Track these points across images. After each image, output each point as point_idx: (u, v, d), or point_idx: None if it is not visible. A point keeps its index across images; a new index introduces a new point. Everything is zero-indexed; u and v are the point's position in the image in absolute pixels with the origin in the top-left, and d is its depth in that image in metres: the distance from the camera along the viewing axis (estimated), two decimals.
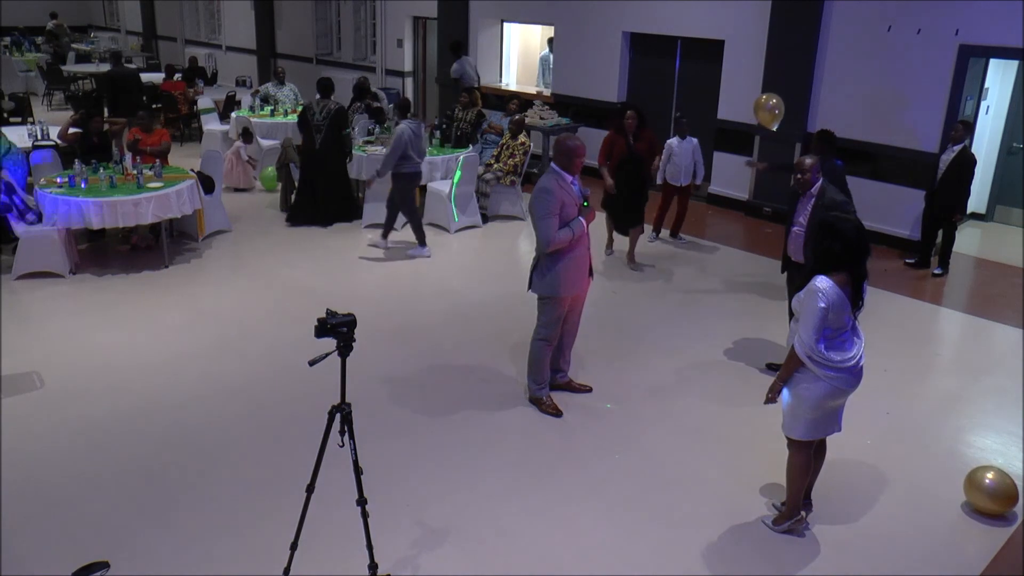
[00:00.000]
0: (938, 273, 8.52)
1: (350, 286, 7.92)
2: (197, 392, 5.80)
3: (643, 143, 8.12)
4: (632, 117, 7.97)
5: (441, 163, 9.82)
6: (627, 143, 8.01)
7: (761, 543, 4.42)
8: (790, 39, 9.71)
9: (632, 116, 7.98)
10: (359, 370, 4.91)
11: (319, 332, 3.51)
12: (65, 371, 6.04)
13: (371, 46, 16.01)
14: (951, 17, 8.56)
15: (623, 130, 8.03)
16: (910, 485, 4.99)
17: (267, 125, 11.83)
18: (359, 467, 3.68)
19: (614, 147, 8.06)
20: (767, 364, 6.34)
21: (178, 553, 4.20)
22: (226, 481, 4.81)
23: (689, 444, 5.35)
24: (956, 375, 6.52)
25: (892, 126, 9.13)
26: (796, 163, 6.09)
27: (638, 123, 8.00)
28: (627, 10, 11.35)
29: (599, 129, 11.83)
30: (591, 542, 4.39)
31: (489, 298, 7.66)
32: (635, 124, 7.99)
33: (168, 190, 7.94)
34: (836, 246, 3.99)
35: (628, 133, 8.02)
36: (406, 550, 4.24)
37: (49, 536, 4.31)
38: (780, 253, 6.27)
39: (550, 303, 5.41)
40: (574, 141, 5.21)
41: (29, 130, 10.69)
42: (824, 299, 3.93)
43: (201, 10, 20.53)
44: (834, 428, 4.32)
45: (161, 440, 5.22)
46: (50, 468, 4.89)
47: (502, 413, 5.66)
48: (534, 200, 5.17)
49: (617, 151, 8.04)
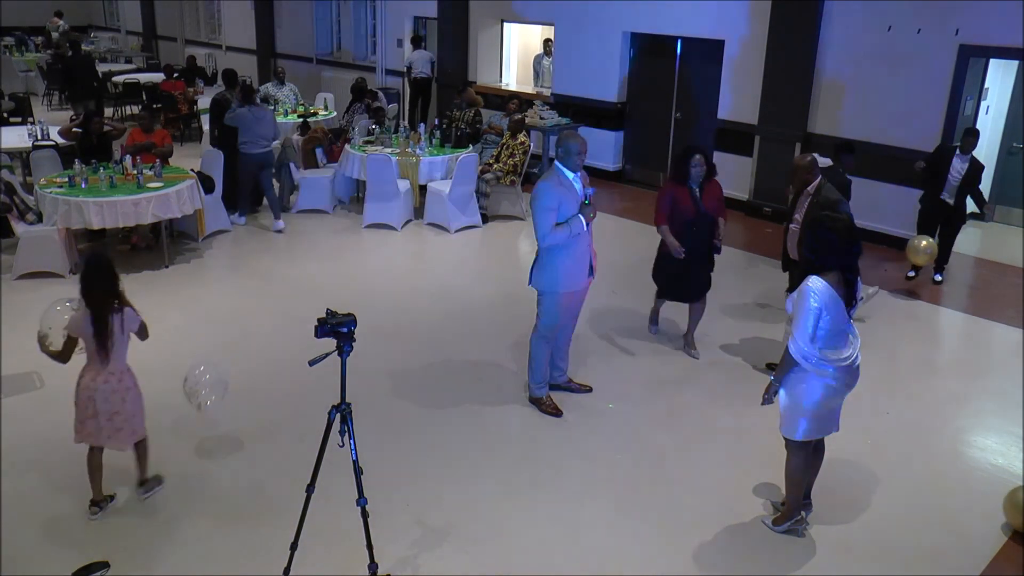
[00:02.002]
0: (939, 280, 8.34)
1: (350, 286, 7.92)
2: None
3: (711, 197, 6.23)
4: (701, 163, 6.09)
5: (441, 163, 9.82)
6: (693, 197, 6.14)
7: (761, 543, 4.42)
8: (790, 39, 9.71)
9: (701, 162, 6.10)
10: (359, 370, 4.91)
11: (319, 332, 3.51)
12: (65, 371, 6.02)
13: (371, 46, 16.01)
14: (951, 17, 8.56)
15: (687, 180, 6.15)
16: (910, 485, 4.99)
17: None
18: (359, 467, 3.69)
19: (678, 203, 6.14)
20: (767, 364, 6.34)
21: (178, 553, 4.20)
22: (226, 481, 4.81)
23: (689, 444, 5.36)
24: (956, 375, 6.52)
25: (892, 126, 9.13)
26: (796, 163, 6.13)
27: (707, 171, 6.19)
28: (627, 10, 11.34)
29: (599, 129, 11.89)
30: (591, 542, 4.39)
31: (489, 298, 7.65)
32: (703, 172, 6.15)
33: (168, 190, 7.94)
34: (825, 244, 4.00)
35: (695, 184, 6.17)
36: (406, 550, 4.24)
37: (49, 536, 4.31)
38: (780, 252, 6.29)
39: (548, 298, 5.41)
40: (575, 138, 5.24)
41: (29, 130, 10.68)
42: (817, 299, 3.93)
43: (201, 10, 20.52)
44: (832, 428, 4.33)
45: (161, 440, 5.21)
46: (50, 468, 4.89)
47: (502, 413, 5.66)
48: (533, 195, 5.21)
49: (682, 209, 6.14)
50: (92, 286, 4.24)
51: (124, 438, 4.42)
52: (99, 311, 4.23)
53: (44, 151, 9.16)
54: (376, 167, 9.33)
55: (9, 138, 10.39)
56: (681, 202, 6.12)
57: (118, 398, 4.34)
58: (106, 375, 4.31)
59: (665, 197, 6.21)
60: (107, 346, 4.25)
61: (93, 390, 4.30)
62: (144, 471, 4.61)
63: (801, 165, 6.02)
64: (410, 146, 9.88)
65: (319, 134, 10.51)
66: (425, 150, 9.88)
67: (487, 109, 12.14)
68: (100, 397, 4.30)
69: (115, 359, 4.32)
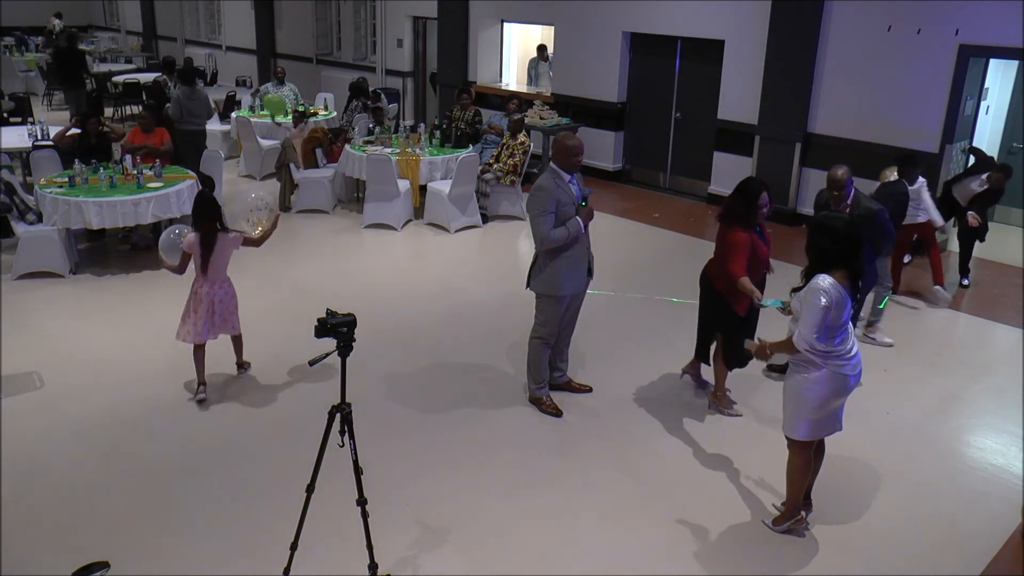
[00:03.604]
0: (966, 284, 8.29)
1: (350, 286, 7.92)
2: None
3: (768, 241, 5.40)
4: (768, 204, 5.18)
5: (441, 163, 9.83)
6: (766, 242, 5.35)
7: (761, 543, 4.42)
8: (790, 39, 9.71)
9: (768, 203, 5.19)
10: (359, 370, 4.92)
11: (319, 332, 3.51)
12: (65, 371, 6.04)
13: (371, 46, 16.01)
14: (951, 17, 8.56)
15: (753, 221, 5.22)
16: (910, 485, 4.99)
17: (267, 125, 11.84)
18: (359, 467, 3.69)
19: (757, 250, 5.21)
20: (768, 365, 6.33)
21: (178, 553, 4.20)
22: (226, 481, 4.81)
23: (689, 444, 5.35)
24: (956, 375, 6.52)
25: (892, 126, 9.13)
26: (828, 176, 6.02)
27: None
28: (627, 10, 11.34)
29: (599, 129, 11.89)
30: (590, 542, 4.39)
31: (489, 298, 7.66)
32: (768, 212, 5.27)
33: (168, 190, 7.94)
34: (829, 244, 4.03)
35: (761, 227, 5.32)
36: (406, 550, 4.24)
37: (49, 536, 4.31)
38: (782, 254, 6.25)
39: (548, 302, 5.40)
40: (572, 140, 5.21)
41: (29, 130, 10.68)
42: (826, 297, 3.95)
43: (201, 10, 20.52)
44: (835, 428, 4.34)
45: (161, 440, 5.22)
46: (50, 468, 4.89)
47: (502, 413, 5.66)
48: (530, 198, 5.19)
49: (761, 256, 5.25)
50: (201, 216, 5.47)
51: (229, 328, 5.74)
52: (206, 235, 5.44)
53: (44, 151, 9.15)
54: (376, 167, 9.33)
55: (9, 138, 10.38)
56: (759, 249, 5.22)
57: (229, 299, 5.67)
58: (221, 282, 5.60)
59: (743, 246, 5.10)
60: (208, 260, 5.47)
61: (212, 295, 5.56)
62: (240, 356, 6.02)
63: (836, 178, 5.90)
64: (410, 146, 9.89)
65: (319, 134, 10.50)
66: (425, 150, 9.89)
67: (487, 109, 12.14)
68: (217, 299, 5.57)
69: (221, 269, 5.59)
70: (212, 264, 5.50)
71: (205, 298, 5.53)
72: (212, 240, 5.45)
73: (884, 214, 5.98)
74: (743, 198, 5.17)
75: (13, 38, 19.86)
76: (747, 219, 5.16)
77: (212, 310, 5.55)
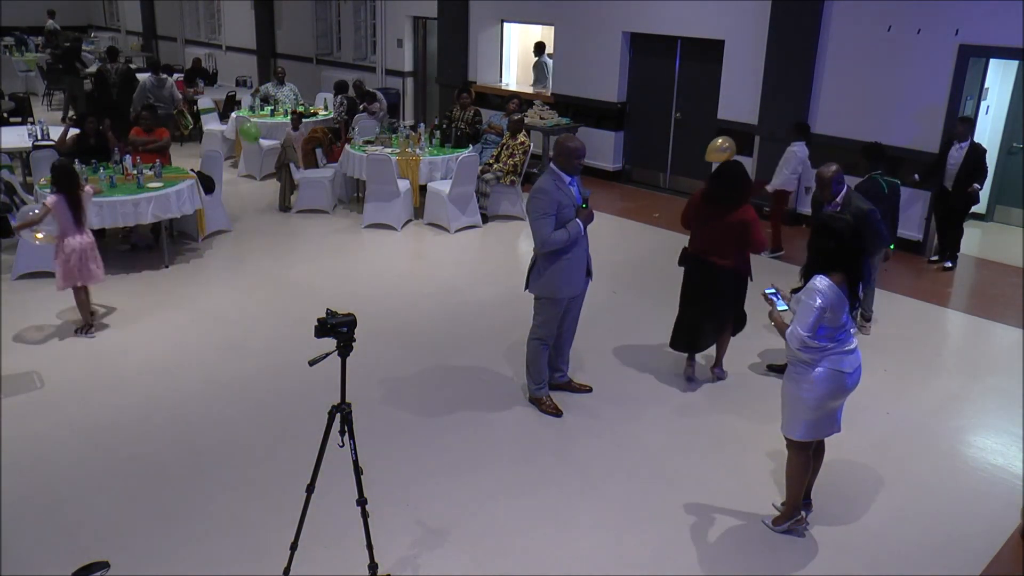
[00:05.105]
0: (949, 267, 8.67)
1: (350, 286, 7.92)
2: (197, 392, 5.80)
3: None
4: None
5: (441, 163, 9.82)
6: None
7: (761, 543, 4.42)
8: (790, 39, 9.71)
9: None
10: (359, 370, 4.91)
11: (319, 332, 3.50)
12: (65, 371, 6.04)
13: (371, 46, 16.00)
14: (951, 17, 8.56)
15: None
16: (910, 485, 4.99)
17: (267, 125, 11.83)
18: (359, 467, 3.69)
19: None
20: (768, 365, 6.34)
21: (178, 553, 4.20)
22: (226, 481, 4.81)
23: (689, 444, 5.35)
24: (956, 375, 6.52)
25: (892, 126, 9.13)
26: (816, 174, 6.05)
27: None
28: (627, 10, 11.34)
29: (599, 129, 11.89)
30: (591, 542, 4.39)
31: (489, 298, 7.65)
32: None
33: (168, 190, 7.94)
34: (831, 245, 4.02)
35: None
36: (406, 550, 4.24)
37: (49, 536, 4.31)
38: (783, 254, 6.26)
39: (547, 303, 5.40)
40: (574, 142, 5.19)
41: (29, 130, 10.68)
42: (822, 298, 3.94)
43: (201, 10, 20.52)
44: (834, 429, 4.33)
45: (161, 440, 5.22)
46: (50, 468, 4.89)
47: (502, 413, 5.66)
48: (531, 200, 5.17)
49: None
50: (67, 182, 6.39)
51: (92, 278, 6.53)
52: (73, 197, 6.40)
53: (44, 151, 9.15)
54: (376, 167, 9.33)
55: (9, 138, 10.38)
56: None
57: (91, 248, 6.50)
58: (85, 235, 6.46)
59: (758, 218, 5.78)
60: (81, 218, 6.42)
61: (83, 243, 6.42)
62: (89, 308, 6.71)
63: (820, 175, 5.96)
64: (410, 146, 9.89)
65: (319, 134, 10.51)
66: (425, 150, 9.89)
67: (487, 109, 12.14)
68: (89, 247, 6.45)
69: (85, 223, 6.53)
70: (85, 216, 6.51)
71: (78, 247, 6.37)
72: (78, 199, 6.41)
73: (876, 214, 5.97)
74: (743, 180, 5.69)
75: (13, 38, 19.85)
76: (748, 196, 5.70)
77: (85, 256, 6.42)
